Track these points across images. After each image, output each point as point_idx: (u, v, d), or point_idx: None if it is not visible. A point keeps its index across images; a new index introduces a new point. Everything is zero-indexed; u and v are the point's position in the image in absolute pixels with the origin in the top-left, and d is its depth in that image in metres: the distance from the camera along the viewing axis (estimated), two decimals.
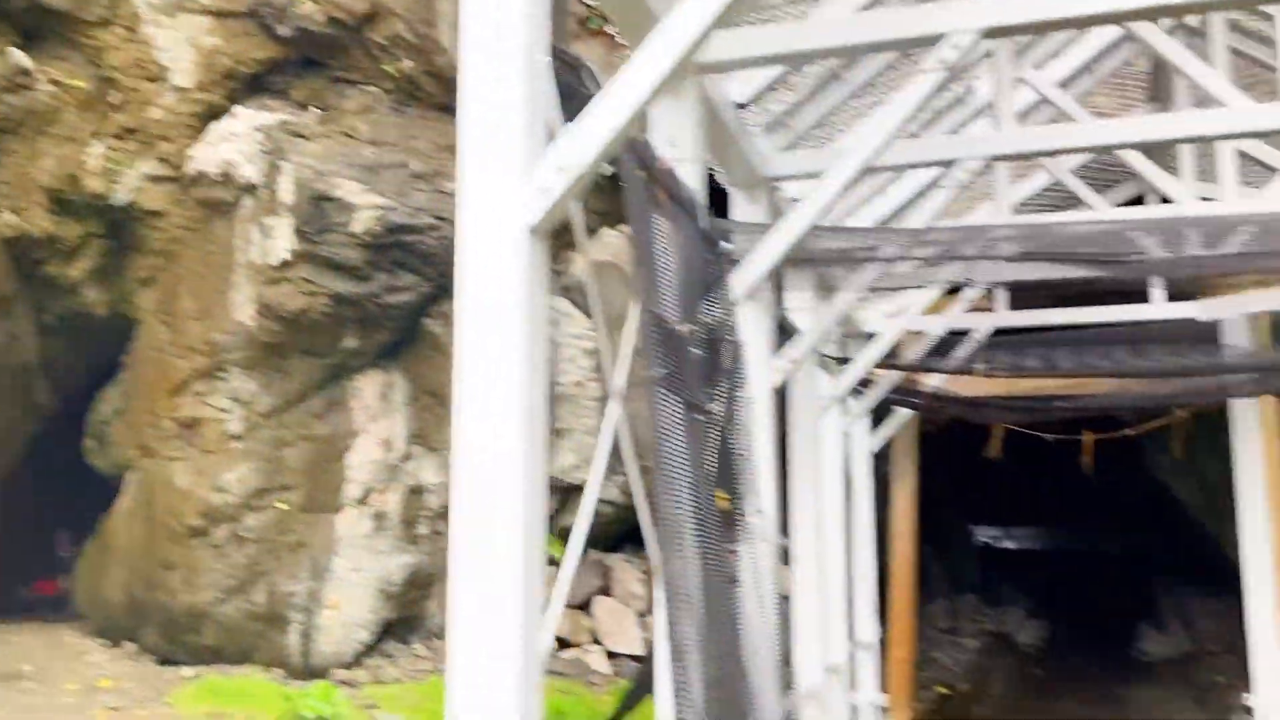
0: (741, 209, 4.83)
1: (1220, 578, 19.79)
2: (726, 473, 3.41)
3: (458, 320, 2.18)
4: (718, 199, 5.03)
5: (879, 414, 8.66)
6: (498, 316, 2.13)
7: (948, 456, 21.45)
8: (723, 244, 3.64)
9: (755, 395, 4.37)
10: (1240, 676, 12.23)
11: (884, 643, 9.75)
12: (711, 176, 4.98)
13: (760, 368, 4.58)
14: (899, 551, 9.54)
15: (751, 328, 4.49)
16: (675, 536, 2.32)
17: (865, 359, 6.69)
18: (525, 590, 2.08)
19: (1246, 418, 7.69)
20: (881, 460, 10.20)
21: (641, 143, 2.66)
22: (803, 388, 6.41)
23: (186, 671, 9.11)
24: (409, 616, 9.95)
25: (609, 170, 2.61)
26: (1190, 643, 14.74)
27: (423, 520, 9.92)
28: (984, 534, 30.76)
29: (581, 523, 2.70)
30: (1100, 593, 21.59)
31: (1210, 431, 10.81)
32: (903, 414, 8.79)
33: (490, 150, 2.20)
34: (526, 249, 2.17)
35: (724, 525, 3.22)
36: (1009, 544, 31.58)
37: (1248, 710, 7.59)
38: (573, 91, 2.57)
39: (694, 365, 3.01)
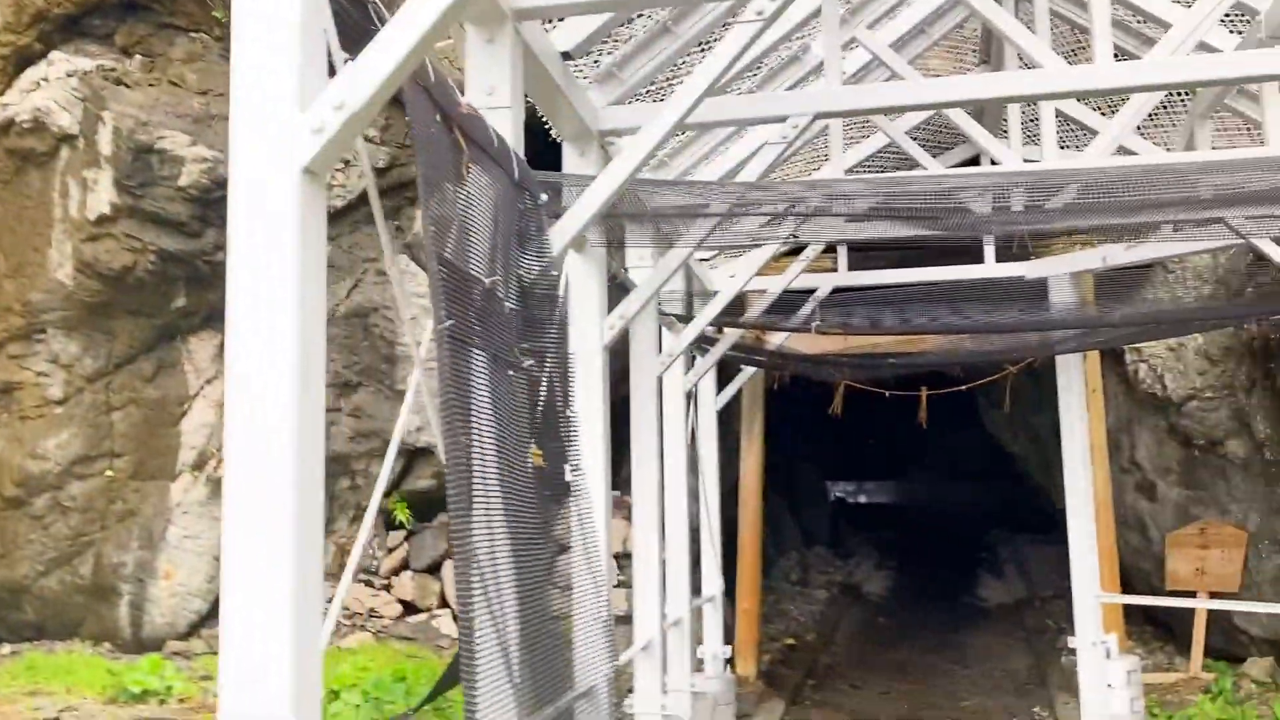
0: (572, 162, 4.72)
1: (1051, 526, 20.82)
2: (546, 429, 3.34)
3: (229, 266, 2.03)
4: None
5: (726, 372, 8.75)
6: (269, 261, 2.00)
7: (803, 414, 21.96)
8: (541, 196, 3.54)
9: (583, 351, 4.33)
10: (1068, 620, 12.91)
11: (732, 596, 9.93)
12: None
13: (590, 323, 4.52)
14: (747, 506, 9.69)
15: (580, 283, 4.43)
16: (468, 497, 2.23)
17: (704, 316, 6.72)
18: (297, 564, 1.95)
19: (1070, 373, 8.03)
20: (734, 418, 10.33)
21: (438, 85, 2.54)
22: (644, 345, 6.40)
23: (6, 649, 8.63)
24: None
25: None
26: (1024, 589, 15.48)
27: None
28: (838, 489, 31.72)
29: (378, 489, 2.59)
30: (944, 543, 22.51)
31: (1039, 387, 11.27)
32: (749, 371, 8.90)
33: (262, 86, 2.06)
34: (301, 190, 2.02)
35: (540, 484, 3.15)
36: (861, 498, 32.69)
37: (1071, 651, 7.97)
38: (361, 29, 2.43)
39: (502, 319, 2.92)
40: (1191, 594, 9.19)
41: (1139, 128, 6.47)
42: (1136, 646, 9.85)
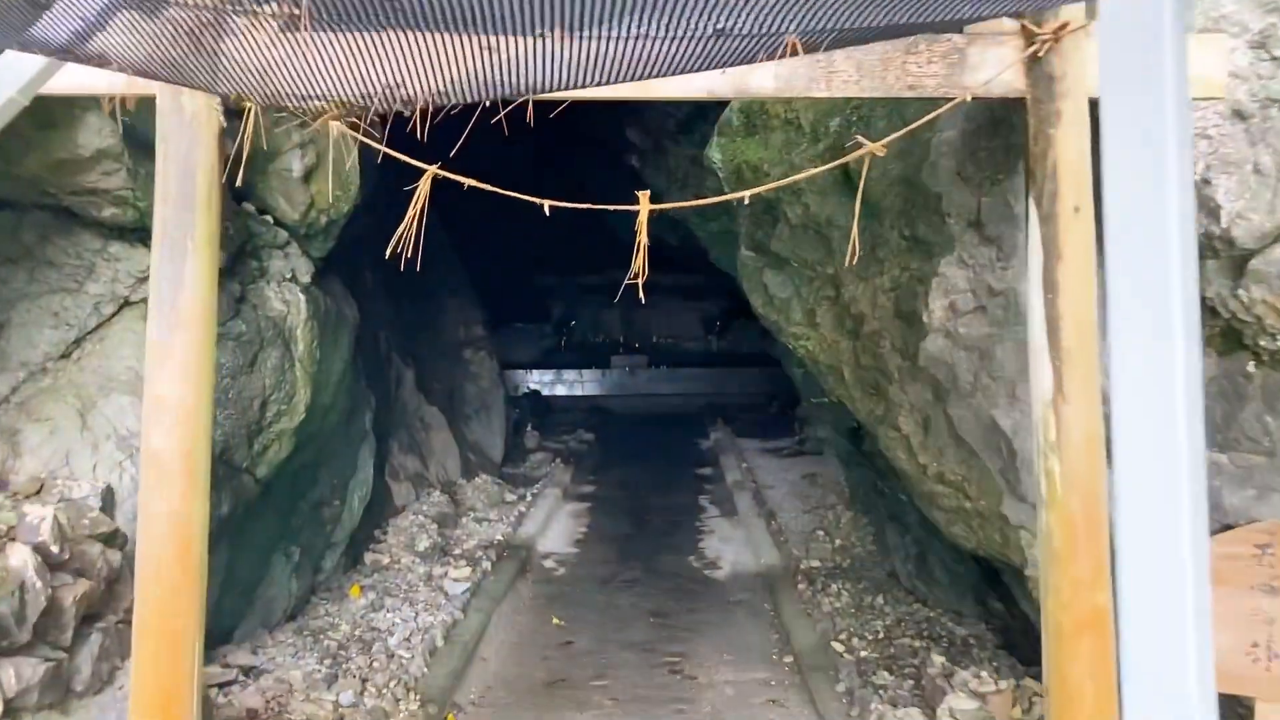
0: None
1: (785, 426, 15.85)
2: None
3: None
4: None
5: None
6: None
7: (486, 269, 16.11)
8: None
9: None
10: (867, 638, 7.64)
11: None
12: None
13: None
14: (151, 473, 3.55)
15: None
16: None
17: None
18: None
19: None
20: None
21: None
22: None
23: None
24: None
25: None
26: (772, 546, 10.30)
27: None
28: (531, 380, 26.12)
29: None
30: (657, 458, 17.35)
31: (838, 209, 5.73)
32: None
33: None
34: None
35: None
36: (560, 389, 27.15)
37: None
38: None
39: None
40: (1242, 705, 3.98)
41: None
42: None
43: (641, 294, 3.43)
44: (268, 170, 6.09)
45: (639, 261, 3.39)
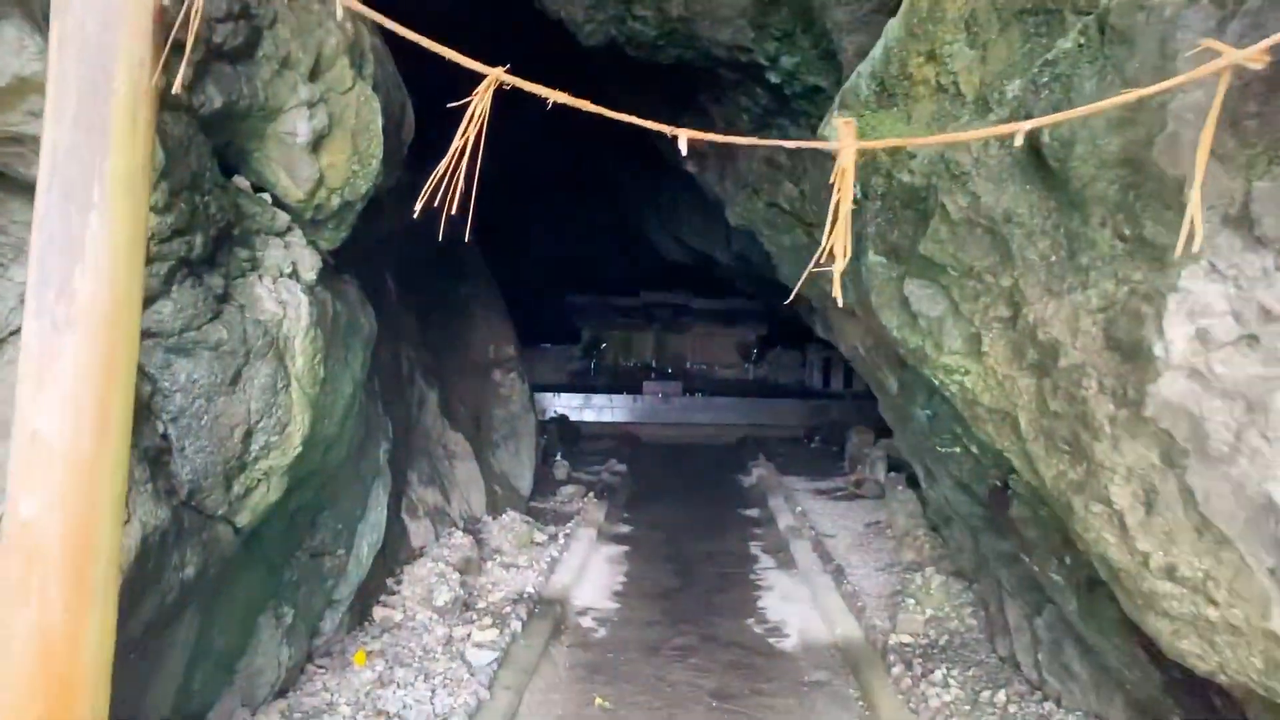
0: None
1: (824, 460, 14.29)
2: None
3: None
4: None
5: None
6: None
7: (515, 285, 14.91)
8: None
9: None
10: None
11: None
12: None
13: None
14: (14, 561, 2.15)
15: None
16: None
17: None
18: None
19: None
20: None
21: None
22: None
23: None
24: None
25: None
26: (843, 605, 8.87)
27: None
28: (559, 404, 24.72)
29: None
30: (693, 490, 15.89)
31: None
32: None
33: None
34: None
35: None
36: (589, 415, 25.74)
37: None
38: None
39: None
40: None
41: None
42: None
43: (836, 285, 2.05)
44: (265, 134, 4.75)
45: (838, 233, 2.01)
